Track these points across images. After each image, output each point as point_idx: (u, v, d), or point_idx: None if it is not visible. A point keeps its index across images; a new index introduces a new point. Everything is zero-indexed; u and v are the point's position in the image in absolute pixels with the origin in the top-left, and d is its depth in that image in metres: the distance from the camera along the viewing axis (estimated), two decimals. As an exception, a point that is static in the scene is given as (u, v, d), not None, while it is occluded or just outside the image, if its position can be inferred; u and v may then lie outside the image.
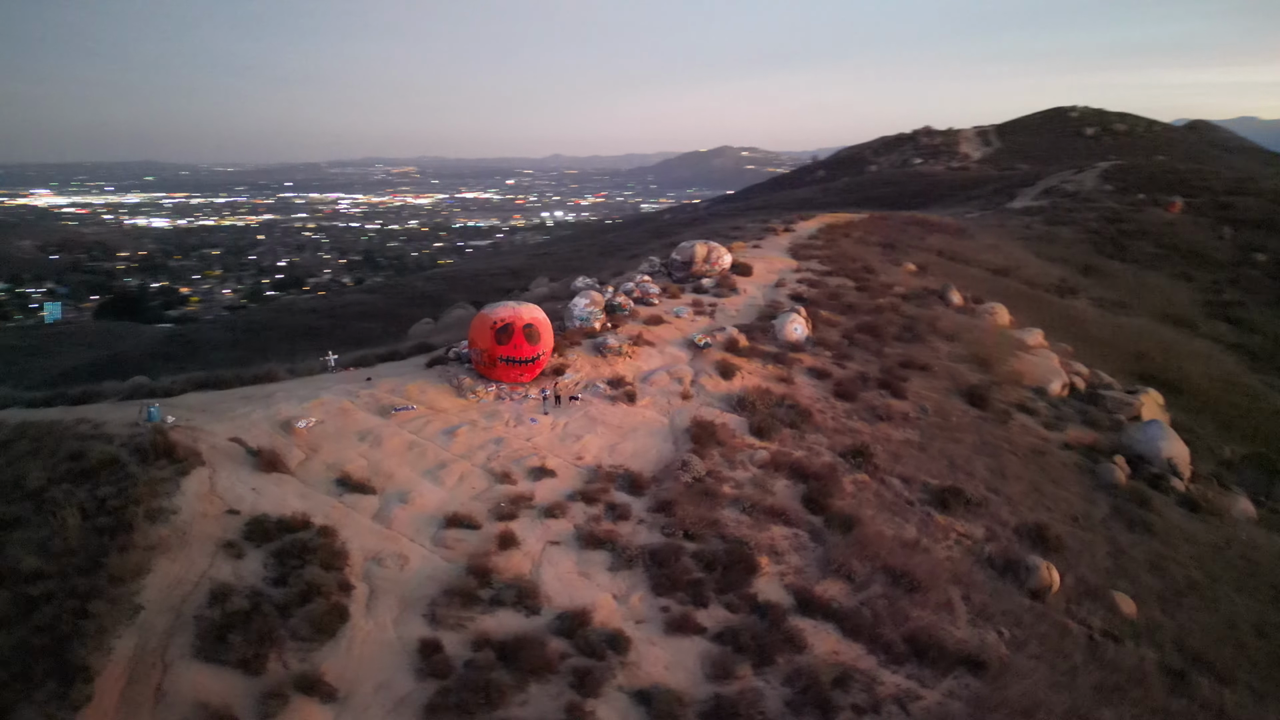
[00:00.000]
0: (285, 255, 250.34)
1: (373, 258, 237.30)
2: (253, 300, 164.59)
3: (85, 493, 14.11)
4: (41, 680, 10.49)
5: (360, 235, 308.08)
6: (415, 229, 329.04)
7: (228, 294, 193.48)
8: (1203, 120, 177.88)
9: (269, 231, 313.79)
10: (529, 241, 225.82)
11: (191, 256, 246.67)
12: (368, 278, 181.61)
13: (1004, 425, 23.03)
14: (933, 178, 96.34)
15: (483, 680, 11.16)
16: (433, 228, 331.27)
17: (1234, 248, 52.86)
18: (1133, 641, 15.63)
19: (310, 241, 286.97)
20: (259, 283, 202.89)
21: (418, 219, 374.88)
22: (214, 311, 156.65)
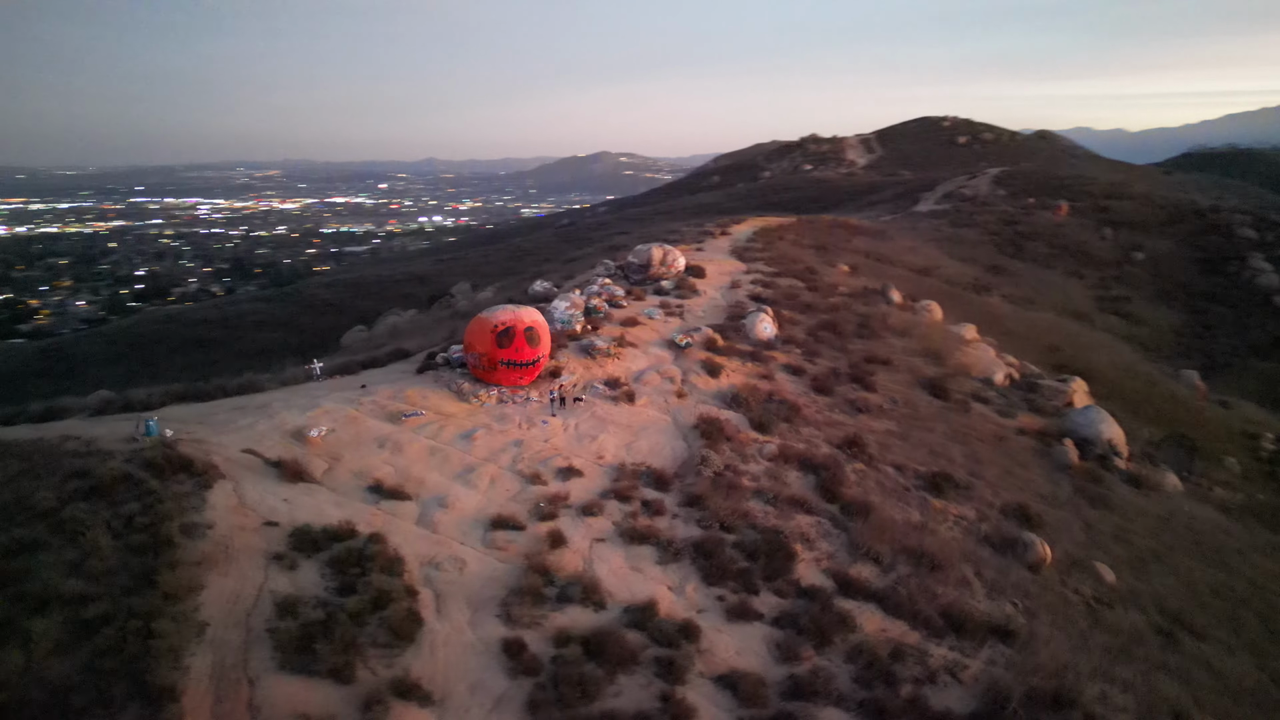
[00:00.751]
0: (143, 264, 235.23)
1: (242, 265, 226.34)
2: (114, 312, 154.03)
3: (108, 511, 13.49)
4: (123, 704, 10.10)
5: (225, 242, 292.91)
6: (284, 235, 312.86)
7: (83, 305, 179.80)
8: (1047, 130, 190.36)
9: (121, 239, 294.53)
10: (409, 248, 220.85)
11: (36, 266, 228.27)
12: (239, 286, 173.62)
13: (966, 414, 24.55)
14: (829, 183, 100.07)
15: (575, 675, 11.35)
16: (303, 234, 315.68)
17: (1115, 247, 57.42)
18: (1121, 606, 17.08)
19: (170, 249, 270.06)
20: (117, 293, 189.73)
21: (286, 225, 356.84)
22: (69, 325, 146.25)
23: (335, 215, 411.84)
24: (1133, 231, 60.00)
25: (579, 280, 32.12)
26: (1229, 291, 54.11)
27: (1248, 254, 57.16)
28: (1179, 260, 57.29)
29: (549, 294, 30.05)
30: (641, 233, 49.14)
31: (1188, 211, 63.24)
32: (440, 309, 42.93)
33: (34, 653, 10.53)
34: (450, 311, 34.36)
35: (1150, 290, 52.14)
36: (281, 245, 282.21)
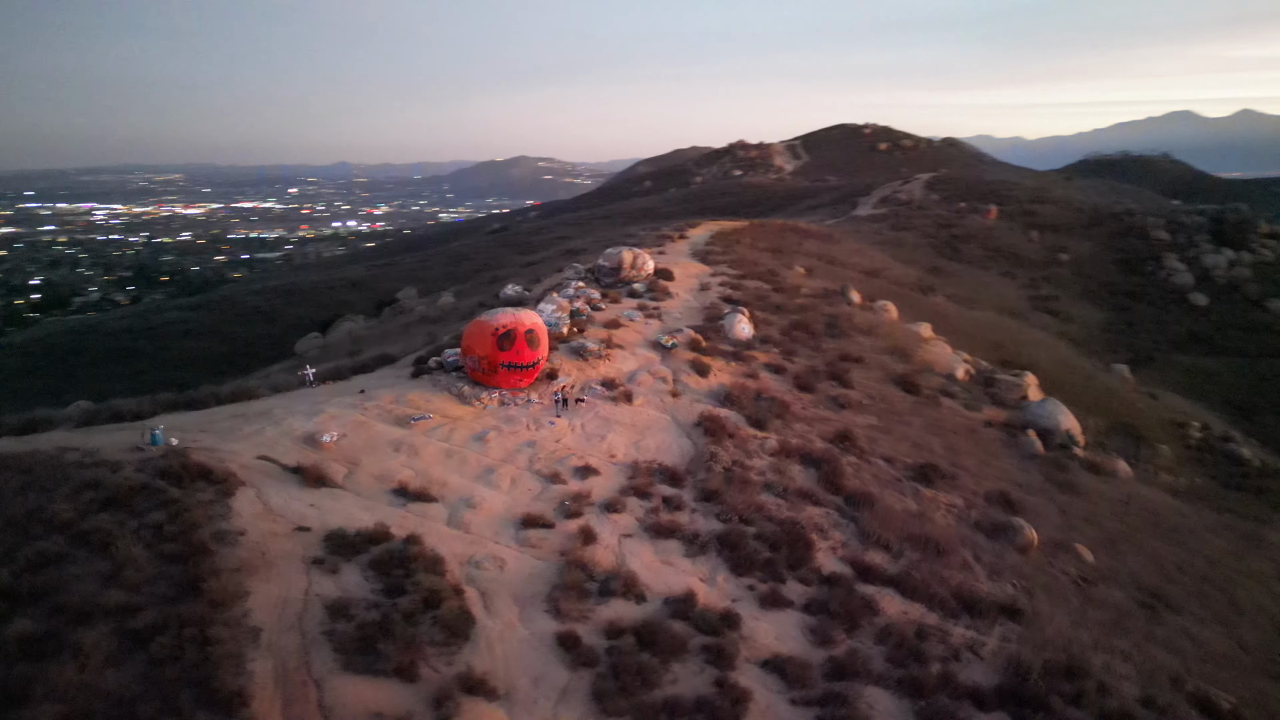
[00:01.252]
0: (37, 273, 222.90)
1: (146, 273, 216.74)
2: (10, 324, 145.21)
3: (134, 521, 13.28)
4: (191, 711, 10.04)
5: (125, 249, 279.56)
6: (189, 241, 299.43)
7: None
8: (953, 137, 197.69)
9: (10, 246, 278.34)
10: (324, 254, 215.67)
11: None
12: (146, 295, 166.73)
13: (937, 408, 25.65)
14: (763, 188, 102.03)
15: (633, 664, 11.68)
16: (210, 240, 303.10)
17: (1042, 249, 60.26)
18: (1104, 584, 18.20)
19: (65, 257, 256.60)
20: (11, 304, 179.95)
21: (190, 230, 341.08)
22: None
23: (244, 221, 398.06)
24: (1057, 234, 63.10)
25: (548, 284, 32.31)
26: (1148, 290, 57.40)
27: (1163, 254, 60.73)
28: (1101, 261, 60.49)
29: (521, 298, 30.17)
30: (597, 237, 49.51)
31: (1105, 215, 66.86)
32: (396, 315, 42.47)
33: (87, 665, 10.35)
34: (417, 316, 34.07)
35: (1076, 289, 54.93)
36: (187, 252, 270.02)
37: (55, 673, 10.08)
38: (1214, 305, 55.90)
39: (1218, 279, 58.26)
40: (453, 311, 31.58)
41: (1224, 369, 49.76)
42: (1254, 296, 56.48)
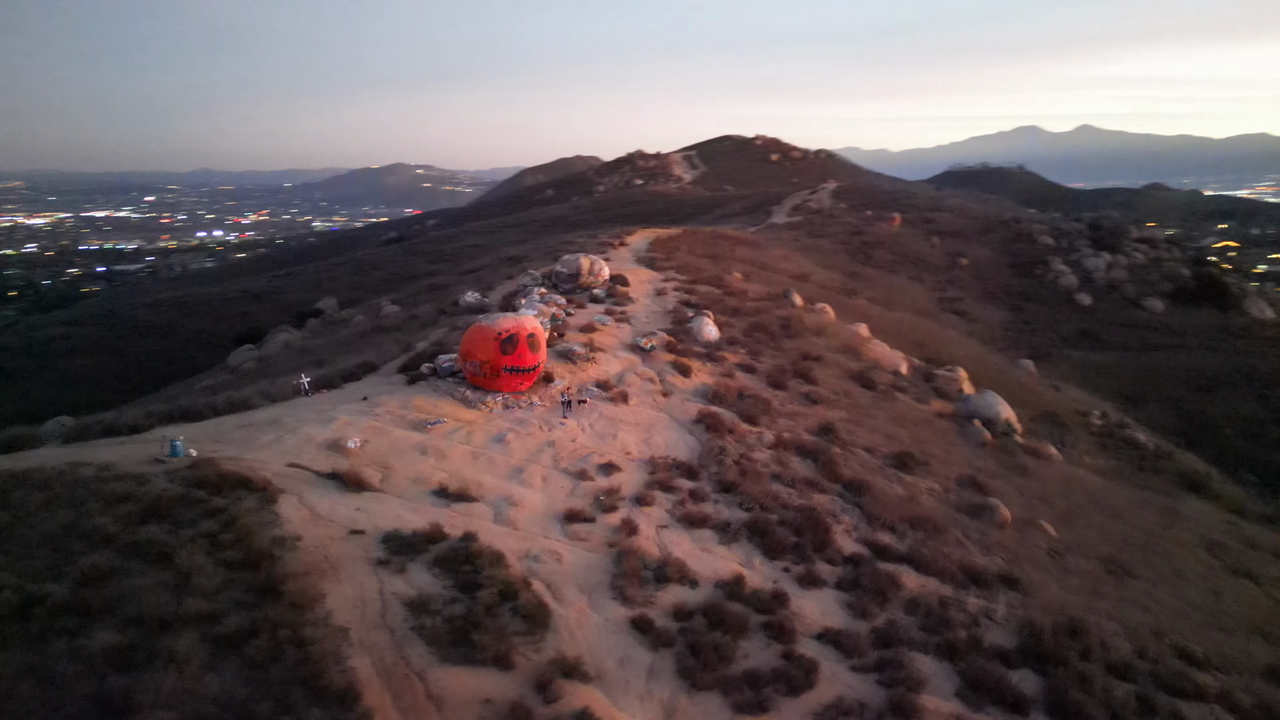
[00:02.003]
0: None
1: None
2: None
3: (186, 531, 13.20)
4: (306, 709, 10.24)
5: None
6: (36, 253, 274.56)
7: None
8: (826, 149, 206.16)
9: None
10: (191, 266, 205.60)
11: None
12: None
13: (893, 401, 27.33)
14: (671, 197, 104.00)
15: (709, 643, 12.44)
16: (59, 251, 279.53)
17: (944, 254, 64.04)
18: (1071, 555, 20.02)
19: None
20: None
21: (36, 242, 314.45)
22: None
23: (96, 231, 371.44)
24: (955, 240, 67.18)
25: (504, 291, 32.60)
26: (1039, 291, 61.81)
27: (1049, 258, 65.53)
28: (996, 265, 64.75)
29: (483, 305, 30.36)
30: (535, 244, 49.68)
31: (996, 222, 71.62)
32: (330, 326, 41.68)
33: (185, 672, 10.39)
34: (368, 325, 33.62)
35: (977, 291, 58.69)
36: (35, 264, 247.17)
37: (154, 681, 10.04)
38: (1097, 304, 60.76)
39: (1098, 280, 63.34)
40: (410, 320, 31.40)
41: (1111, 362, 54.18)
42: (1131, 296, 61.69)
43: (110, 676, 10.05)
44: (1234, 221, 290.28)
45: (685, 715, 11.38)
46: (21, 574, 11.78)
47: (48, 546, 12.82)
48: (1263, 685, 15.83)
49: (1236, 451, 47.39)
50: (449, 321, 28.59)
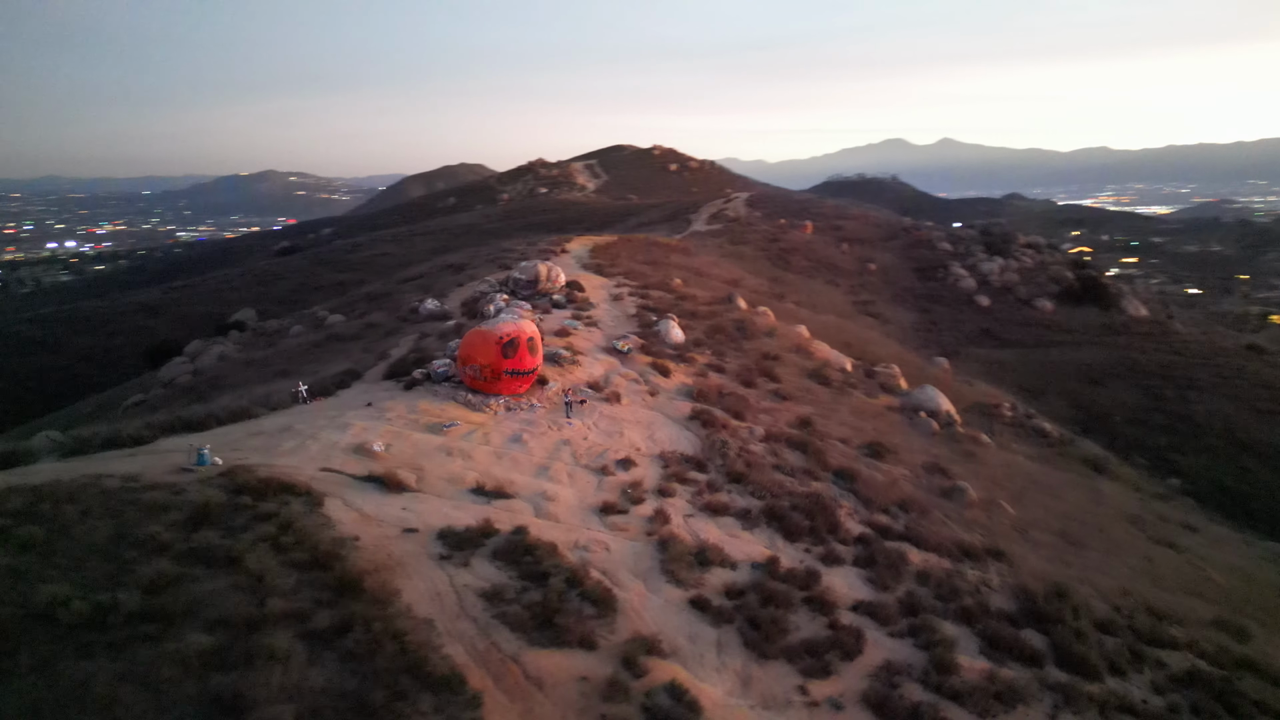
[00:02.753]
0: None
1: None
2: None
3: (246, 535, 13.32)
4: (417, 695, 10.69)
5: None
6: None
7: None
8: (709, 160, 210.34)
9: None
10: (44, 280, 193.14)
11: None
12: None
13: (849, 396, 28.99)
14: (584, 205, 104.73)
15: (765, 617, 13.42)
16: None
17: (854, 259, 67.16)
18: (1031, 530, 21.93)
19: None
20: None
21: None
22: None
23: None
24: (863, 246, 70.55)
25: (461, 297, 32.80)
26: (942, 293, 65.61)
27: (949, 263, 69.62)
28: (901, 269, 68.33)
29: (444, 313, 30.51)
30: (469, 253, 49.52)
31: (898, 229, 75.63)
32: (264, 337, 40.66)
33: (288, 667, 10.67)
34: (322, 335, 33.06)
35: (887, 295, 61.88)
36: None
37: (261, 678, 10.27)
38: (995, 305, 64.97)
39: (994, 283, 67.73)
40: (368, 329, 31.14)
41: (1011, 359, 58.10)
42: (1024, 297, 66.26)
43: (212, 676, 10.18)
44: (1085, 229, 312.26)
45: (759, 682, 12.29)
46: (81, 584, 11.67)
47: (99, 557, 12.69)
48: (1215, 634, 17.94)
49: (1126, 437, 51.61)
50: (415, 329, 28.59)
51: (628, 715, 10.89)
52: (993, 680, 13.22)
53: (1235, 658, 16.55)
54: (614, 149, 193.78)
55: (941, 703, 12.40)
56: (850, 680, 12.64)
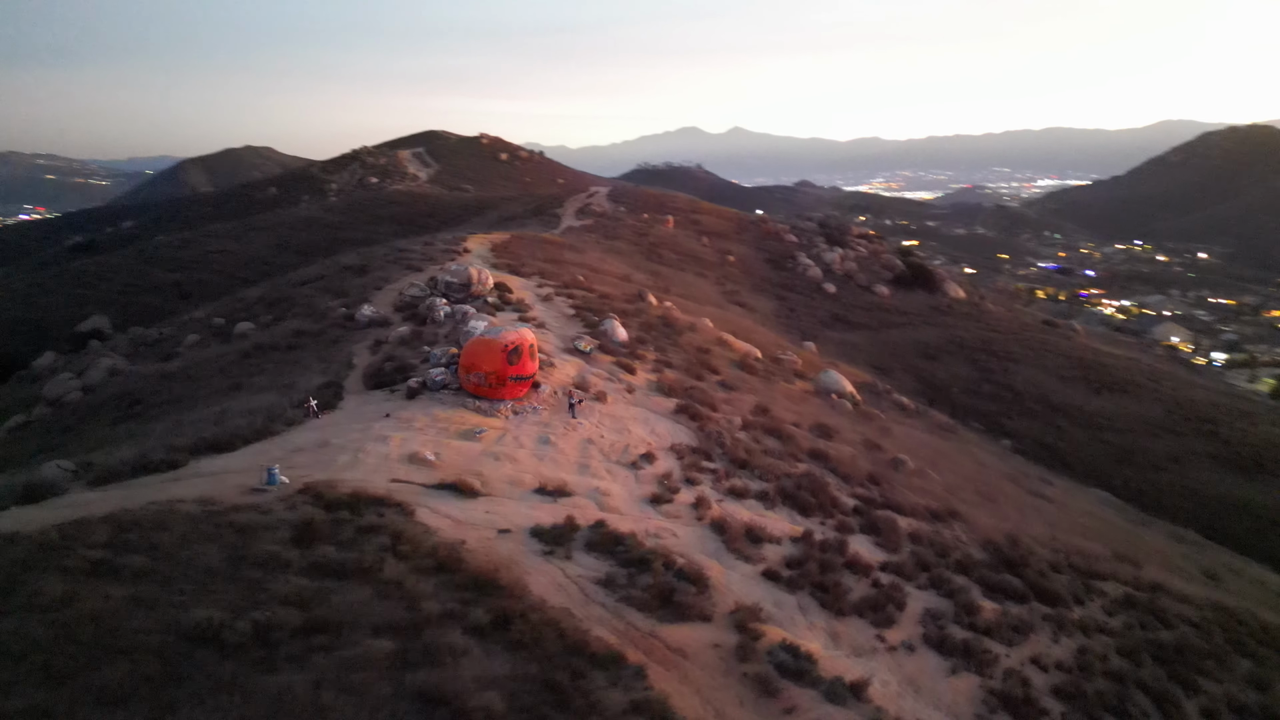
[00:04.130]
0: None
1: None
2: None
3: (368, 545, 14.11)
4: (589, 669, 12.17)
5: None
6: None
7: None
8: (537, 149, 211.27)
9: None
10: None
11: None
12: None
13: (774, 383, 31.85)
14: (433, 199, 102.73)
15: (828, 581, 15.75)
16: None
17: (714, 251, 70.89)
18: (958, 491, 25.55)
19: None
20: None
21: None
22: None
23: None
24: (720, 239, 74.48)
25: (390, 302, 32.94)
26: (794, 282, 70.67)
27: (797, 254, 74.96)
28: (756, 260, 72.83)
29: (383, 319, 30.66)
30: (363, 253, 48.43)
31: (748, 222, 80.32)
32: (147, 347, 38.54)
33: (470, 659, 11.91)
34: (248, 345, 31.92)
35: (748, 284, 66.01)
36: None
37: (452, 673, 11.46)
38: (841, 292, 70.86)
39: (837, 271, 73.73)
40: (300, 338, 30.47)
41: (860, 340, 63.84)
42: (864, 283, 72.66)
43: (404, 676, 11.22)
44: (870, 214, 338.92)
45: (844, 636, 14.59)
46: (222, 606, 12.24)
47: (221, 579, 13.17)
48: (1120, 565, 22.05)
49: (964, 406, 58.31)
50: (362, 336, 28.60)
51: (761, 671, 12.79)
52: (1005, 616, 16.20)
53: (1147, 583, 20.63)
54: (431, 135, 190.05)
55: (978, 638, 15.20)
56: (909, 627, 15.20)
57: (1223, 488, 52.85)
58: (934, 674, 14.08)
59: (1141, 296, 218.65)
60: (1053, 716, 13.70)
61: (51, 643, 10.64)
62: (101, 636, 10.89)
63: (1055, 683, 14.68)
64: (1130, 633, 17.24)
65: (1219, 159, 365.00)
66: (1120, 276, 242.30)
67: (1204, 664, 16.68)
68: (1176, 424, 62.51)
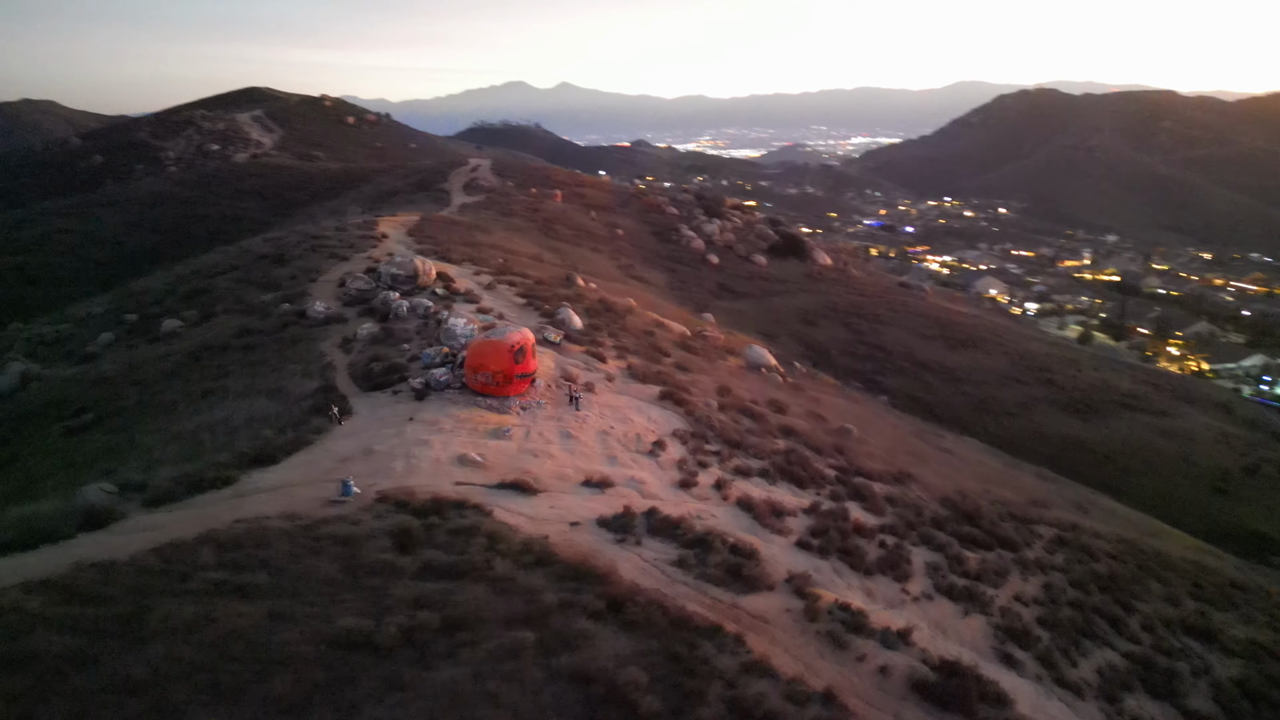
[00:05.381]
0: None
1: None
2: None
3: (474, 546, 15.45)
4: (695, 639, 14.24)
5: None
6: None
7: None
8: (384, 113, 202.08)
9: None
10: None
11: None
12: None
13: (715, 363, 34.35)
14: (296, 170, 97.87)
15: (850, 545, 18.38)
16: None
17: (603, 226, 72.40)
18: (895, 454, 28.96)
19: None
20: None
21: None
22: None
23: None
24: (606, 213, 76.06)
25: (333, 297, 33.01)
26: (680, 254, 73.48)
27: (679, 226, 77.74)
28: (642, 233, 75.00)
29: (340, 315, 30.83)
30: (270, 240, 46.83)
31: (629, 195, 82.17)
32: (48, 346, 36.48)
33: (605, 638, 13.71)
34: (190, 344, 30.94)
35: (639, 257, 68.16)
36: None
37: (590, 654, 13.20)
38: (724, 262, 74.35)
39: (717, 242, 77.18)
40: (247, 337, 30.01)
41: (747, 309, 67.59)
42: (743, 254, 76.50)
43: (549, 660, 12.92)
44: (706, 174, 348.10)
45: (877, 590, 17.30)
46: (355, 613, 13.47)
47: (343, 588, 14.35)
48: (1038, 509, 26.04)
49: (844, 367, 63.18)
50: (324, 333, 28.71)
51: (829, 628, 15.19)
52: (985, 564, 19.44)
53: (1067, 523, 24.66)
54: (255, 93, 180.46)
55: (973, 584, 18.31)
56: (920, 580, 18.10)
57: (1063, 429, 60.31)
58: (952, 617, 17.01)
59: (960, 252, 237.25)
60: (1043, 642, 16.95)
61: (209, 662, 11.44)
62: (255, 651, 11.76)
63: (1037, 615, 18.00)
64: (1073, 568, 20.96)
65: (1012, 120, 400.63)
66: (937, 232, 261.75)
67: (1132, 588, 20.63)
68: (1020, 374, 70.13)
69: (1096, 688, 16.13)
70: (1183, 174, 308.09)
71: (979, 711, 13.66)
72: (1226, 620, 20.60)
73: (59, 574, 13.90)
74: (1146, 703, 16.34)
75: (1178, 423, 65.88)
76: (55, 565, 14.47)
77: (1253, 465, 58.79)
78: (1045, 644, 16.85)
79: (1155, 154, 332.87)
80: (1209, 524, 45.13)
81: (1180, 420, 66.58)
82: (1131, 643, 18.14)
